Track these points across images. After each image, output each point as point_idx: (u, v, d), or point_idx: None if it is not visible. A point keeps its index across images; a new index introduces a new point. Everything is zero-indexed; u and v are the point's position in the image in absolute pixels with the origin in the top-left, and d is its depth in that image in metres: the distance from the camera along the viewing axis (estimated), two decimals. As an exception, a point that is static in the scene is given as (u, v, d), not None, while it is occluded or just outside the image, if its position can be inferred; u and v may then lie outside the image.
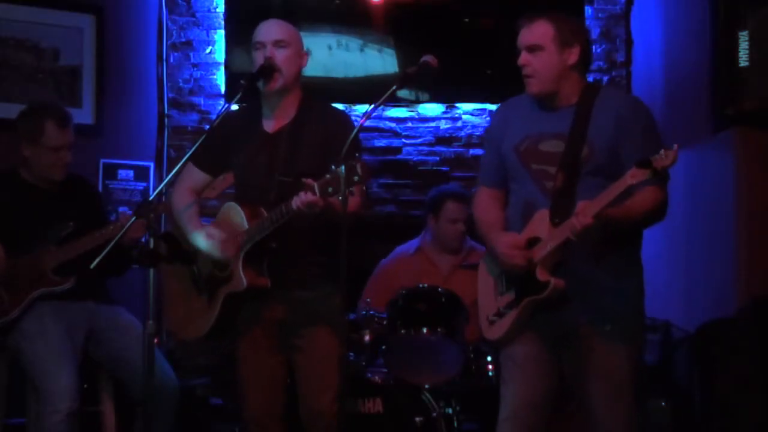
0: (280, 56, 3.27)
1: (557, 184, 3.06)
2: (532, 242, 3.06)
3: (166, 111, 5.38)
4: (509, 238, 3.10)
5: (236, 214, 3.29)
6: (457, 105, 5.42)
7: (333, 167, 2.89)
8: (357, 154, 2.86)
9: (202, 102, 5.44)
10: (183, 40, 5.43)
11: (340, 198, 2.90)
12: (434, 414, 3.91)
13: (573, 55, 3.11)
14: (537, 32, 3.09)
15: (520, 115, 3.22)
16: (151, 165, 5.28)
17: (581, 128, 3.07)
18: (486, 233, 3.24)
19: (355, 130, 2.97)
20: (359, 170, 2.83)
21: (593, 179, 3.04)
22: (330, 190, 2.93)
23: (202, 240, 3.32)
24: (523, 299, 3.07)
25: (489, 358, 4.06)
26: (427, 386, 3.99)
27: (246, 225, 3.24)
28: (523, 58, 3.11)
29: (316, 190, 2.97)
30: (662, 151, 2.77)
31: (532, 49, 3.09)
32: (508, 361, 3.19)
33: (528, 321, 3.10)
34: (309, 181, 3.01)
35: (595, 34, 5.45)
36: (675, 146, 2.76)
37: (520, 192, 3.18)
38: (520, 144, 3.16)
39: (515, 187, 3.21)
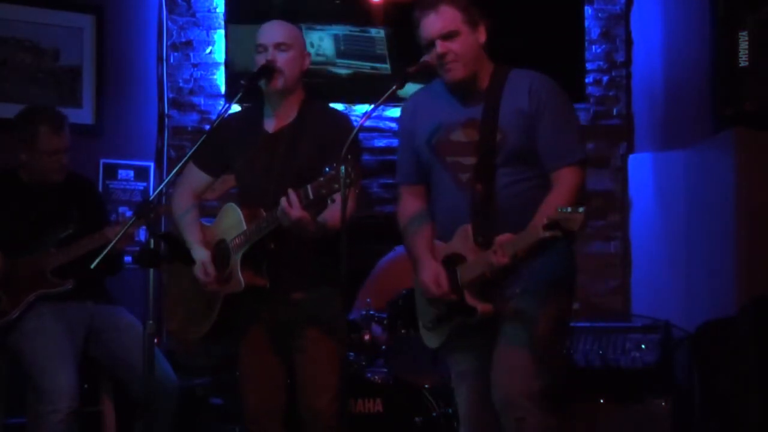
0: (282, 59, 3.26)
1: (474, 184, 2.94)
2: (455, 258, 2.94)
3: (166, 111, 5.38)
4: (433, 272, 2.97)
5: (235, 215, 3.28)
6: (457, 105, 5.41)
7: (327, 170, 2.88)
8: (350, 156, 2.83)
9: (202, 102, 5.44)
10: (183, 40, 5.43)
11: (330, 202, 2.91)
12: (434, 414, 3.91)
13: (482, 34, 2.99)
14: (447, 18, 2.94)
15: (430, 106, 3.09)
16: (151, 165, 5.28)
17: (493, 112, 2.94)
18: (411, 249, 3.12)
19: (355, 131, 2.94)
20: (351, 173, 2.79)
21: (512, 170, 2.93)
22: (323, 192, 2.92)
23: (197, 263, 3.31)
24: (454, 319, 2.98)
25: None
26: (427, 386, 3.99)
27: (244, 226, 3.24)
28: (442, 46, 2.94)
29: (309, 193, 2.95)
30: (569, 210, 2.59)
31: (449, 36, 2.94)
32: (453, 370, 3.13)
33: (462, 333, 3.00)
34: (291, 192, 2.98)
35: (595, 34, 5.45)
36: (581, 209, 2.58)
37: (439, 186, 3.06)
38: (432, 136, 3.04)
39: (434, 181, 3.08)
